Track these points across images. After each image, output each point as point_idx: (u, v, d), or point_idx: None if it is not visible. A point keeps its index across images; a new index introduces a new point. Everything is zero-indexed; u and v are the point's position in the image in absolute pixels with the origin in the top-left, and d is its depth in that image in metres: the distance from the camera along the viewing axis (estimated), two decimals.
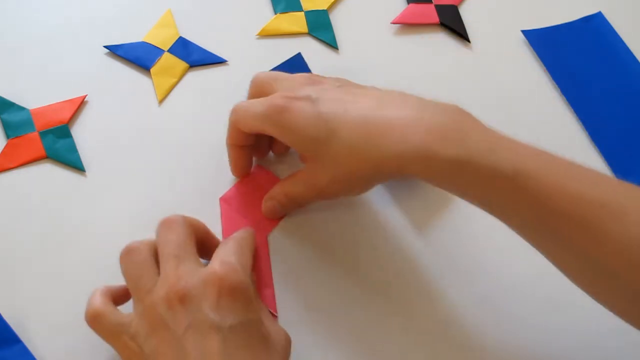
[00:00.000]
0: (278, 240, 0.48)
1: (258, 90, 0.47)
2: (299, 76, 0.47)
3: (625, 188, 0.39)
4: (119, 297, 0.41)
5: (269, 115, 0.44)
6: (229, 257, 0.40)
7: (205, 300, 0.37)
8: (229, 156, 0.49)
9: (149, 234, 0.47)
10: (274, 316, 0.45)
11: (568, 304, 0.46)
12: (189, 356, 0.36)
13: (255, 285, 0.44)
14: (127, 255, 0.40)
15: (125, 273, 0.40)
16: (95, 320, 0.39)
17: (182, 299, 0.37)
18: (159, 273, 0.40)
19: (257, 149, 0.50)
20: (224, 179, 0.50)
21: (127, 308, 0.41)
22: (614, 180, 0.41)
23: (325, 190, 0.45)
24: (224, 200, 0.49)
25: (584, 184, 0.39)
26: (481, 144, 0.39)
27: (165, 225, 0.41)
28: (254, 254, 0.43)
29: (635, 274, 0.36)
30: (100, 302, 0.40)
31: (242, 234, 0.44)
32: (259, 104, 0.45)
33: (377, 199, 0.50)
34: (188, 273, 0.39)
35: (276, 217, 0.48)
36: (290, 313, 0.45)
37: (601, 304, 0.39)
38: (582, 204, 0.37)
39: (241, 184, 0.49)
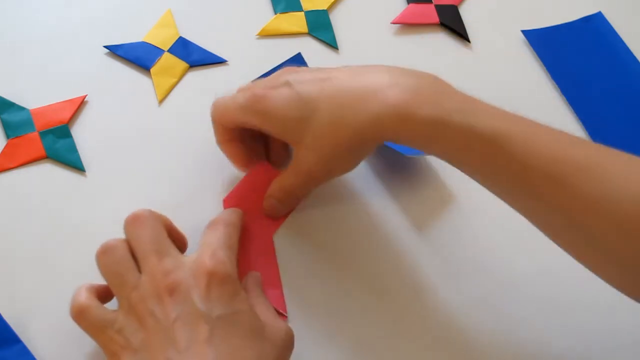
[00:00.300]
0: (283, 239, 0.48)
1: None
2: (277, 71, 0.47)
3: (604, 150, 0.39)
4: (102, 295, 0.41)
5: (250, 105, 0.44)
6: (218, 250, 0.40)
7: (194, 291, 0.38)
8: (224, 153, 0.49)
9: None
10: (284, 316, 0.45)
11: (568, 304, 0.46)
12: (178, 344, 0.37)
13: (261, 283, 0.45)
14: (105, 254, 0.40)
15: (106, 271, 0.40)
16: (80, 315, 0.39)
17: (172, 291, 0.38)
18: (138, 269, 0.40)
19: (252, 148, 0.49)
20: (224, 178, 0.50)
21: (110, 306, 0.41)
22: (592, 144, 0.41)
23: (315, 172, 0.45)
24: (227, 200, 0.49)
25: (563, 145, 0.39)
26: (459, 105, 0.40)
27: (135, 221, 0.41)
28: (239, 238, 0.44)
29: (615, 235, 0.36)
30: (85, 297, 0.40)
31: (230, 218, 0.44)
32: (239, 96, 0.45)
33: (379, 199, 0.50)
34: (174, 267, 0.39)
35: (278, 215, 0.48)
36: (297, 312, 0.45)
37: (585, 266, 0.39)
38: (561, 165, 0.38)
39: (244, 183, 0.49)
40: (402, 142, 0.42)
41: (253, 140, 0.49)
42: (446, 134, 0.39)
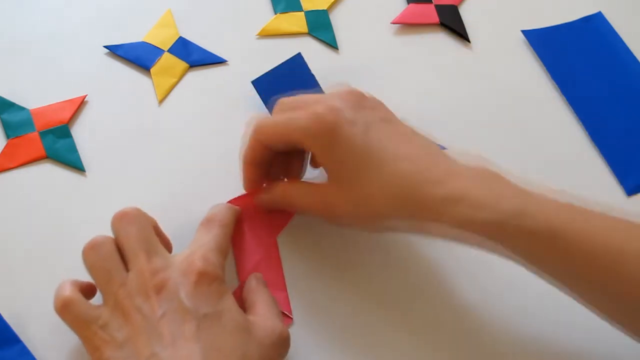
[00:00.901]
0: (288, 241, 0.48)
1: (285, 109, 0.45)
2: (340, 91, 0.44)
3: None
4: (85, 292, 0.41)
5: (315, 130, 0.41)
6: (209, 252, 0.41)
7: (182, 289, 0.38)
8: (243, 173, 0.47)
9: None
10: (289, 318, 0.45)
11: (571, 300, 0.46)
12: (164, 339, 0.37)
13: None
14: (93, 250, 0.41)
15: (92, 267, 0.40)
16: (65, 309, 0.39)
17: (159, 289, 0.38)
18: (125, 266, 0.40)
19: (283, 167, 0.47)
20: (224, 178, 0.50)
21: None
22: None
23: (339, 217, 0.44)
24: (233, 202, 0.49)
25: (620, 234, 0.39)
26: (516, 206, 0.39)
27: (124, 218, 0.42)
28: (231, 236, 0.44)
29: None
30: (70, 291, 0.40)
31: (226, 218, 0.44)
32: (300, 116, 0.42)
33: None
34: (163, 266, 0.40)
35: (263, 207, 0.47)
36: (303, 314, 0.45)
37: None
38: (619, 256, 0.38)
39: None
40: (453, 238, 0.41)
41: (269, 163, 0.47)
42: (503, 237, 0.39)
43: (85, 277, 0.45)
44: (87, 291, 0.41)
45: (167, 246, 0.44)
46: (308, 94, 0.45)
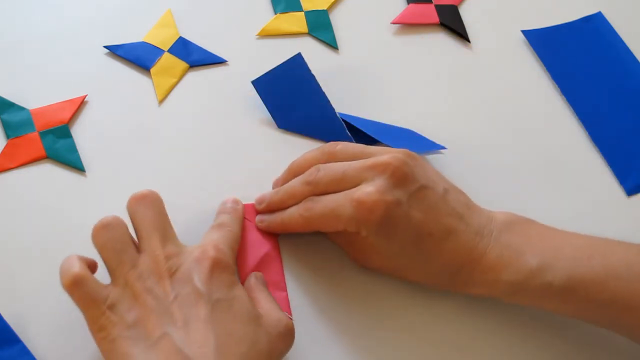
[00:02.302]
0: (288, 241, 0.48)
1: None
2: (382, 162, 0.44)
3: None
4: (90, 269, 0.41)
5: (361, 218, 0.42)
6: (221, 244, 0.42)
7: (195, 274, 0.39)
8: (274, 228, 0.47)
9: None
10: (289, 319, 0.44)
11: None
12: (176, 321, 0.37)
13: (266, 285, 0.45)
14: (104, 230, 0.40)
15: (103, 247, 0.40)
16: (74, 286, 0.38)
17: (173, 273, 0.39)
18: (136, 248, 0.40)
19: None
20: (224, 178, 0.50)
21: None
22: None
23: (371, 266, 0.46)
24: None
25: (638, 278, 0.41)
26: (537, 264, 0.42)
27: (141, 199, 0.42)
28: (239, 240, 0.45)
29: None
30: (80, 267, 0.39)
31: (235, 227, 0.45)
32: (344, 203, 0.42)
33: None
34: (177, 252, 0.40)
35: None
36: (303, 314, 0.45)
37: None
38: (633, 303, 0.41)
39: None
40: (479, 296, 0.44)
41: None
42: (525, 293, 0.42)
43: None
44: (91, 269, 0.41)
45: None
46: (347, 158, 0.46)
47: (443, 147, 0.51)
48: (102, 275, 0.41)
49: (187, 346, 0.37)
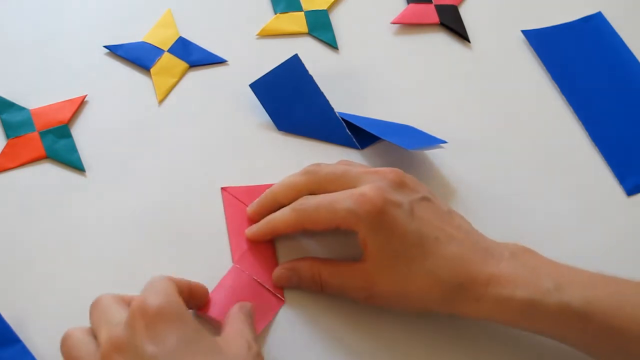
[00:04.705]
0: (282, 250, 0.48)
1: (320, 185, 0.45)
2: (380, 170, 0.44)
3: None
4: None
5: (362, 212, 0.41)
6: (145, 291, 0.37)
7: (137, 336, 0.35)
8: (260, 234, 0.46)
9: (148, 234, 0.47)
10: (281, 300, 0.45)
11: None
12: None
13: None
14: (63, 341, 0.38)
15: (64, 356, 0.38)
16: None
17: (118, 348, 0.35)
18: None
19: None
20: (224, 178, 0.50)
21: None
22: None
23: (378, 296, 0.43)
24: (226, 190, 0.49)
25: None
26: (553, 282, 0.41)
27: (93, 305, 0.39)
28: (175, 286, 0.39)
29: None
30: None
31: (153, 278, 0.39)
32: (344, 197, 0.42)
33: None
34: (115, 326, 0.37)
35: (284, 287, 0.45)
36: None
37: None
38: None
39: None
40: (487, 318, 0.42)
41: None
42: (540, 314, 0.40)
43: (85, 278, 0.45)
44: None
45: (201, 296, 0.42)
46: (343, 165, 0.45)
47: (444, 142, 0.51)
48: None
49: None
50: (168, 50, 0.56)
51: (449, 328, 0.45)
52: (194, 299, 0.42)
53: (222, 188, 0.49)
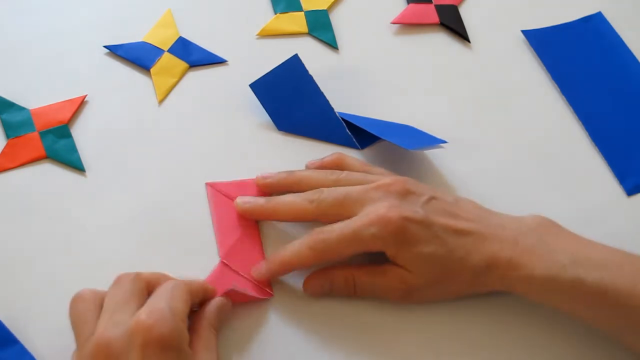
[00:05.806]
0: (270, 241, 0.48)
1: (338, 210, 0.45)
2: (384, 183, 0.45)
3: None
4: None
5: (387, 235, 0.42)
6: (158, 303, 0.37)
7: (131, 352, 0.35)
8: (272, 269, 0.45)
9: (149, 234, 0.47)
10: (269, 293, 0.45)
11: None
12: None
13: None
14: (74, 302, 0.39)
15: (70, 318, 0.39)
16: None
17: (107, 355, 0.36)
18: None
19: None
20: (224, 178, 0.50)
21: None
22: None
23: (416, 295, 0.45)
24: (210, 185, 0.49)
25: None
26: (570, 257, 0.42)
27: (116, 280, 0.40)
28: (190, 299, 0.40)
29: None
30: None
31: (172, 282, 0.41)
32: (364, 223, 0.43)
33: None
34: (115, 324, 0.37)
35: (315, 296, 0.46)
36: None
37: None
38: None
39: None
40: (516, 293, 0.44)
41: None
42: (557, 288, 0.42)
43: (85, 278, 0.45)
44: None
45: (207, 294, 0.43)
46: (341, 184, 0.46)
47: (444, 142, 0.51)
48: None
49: None
50: (168, 50, 0.56)
51: (446, 324, 0.45)
52: (203, 302, 0.43)
53: (206, 183, 0.49)
